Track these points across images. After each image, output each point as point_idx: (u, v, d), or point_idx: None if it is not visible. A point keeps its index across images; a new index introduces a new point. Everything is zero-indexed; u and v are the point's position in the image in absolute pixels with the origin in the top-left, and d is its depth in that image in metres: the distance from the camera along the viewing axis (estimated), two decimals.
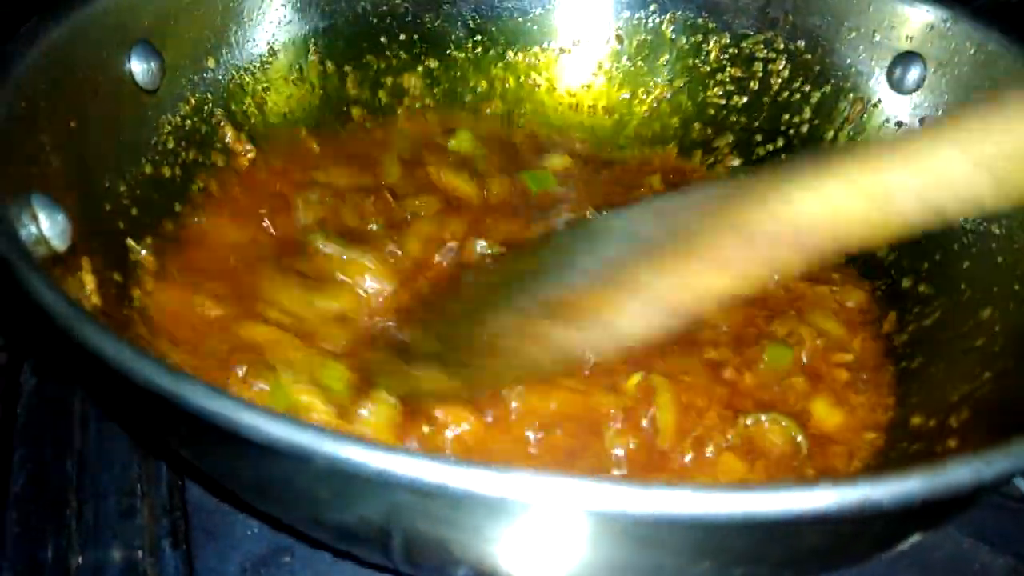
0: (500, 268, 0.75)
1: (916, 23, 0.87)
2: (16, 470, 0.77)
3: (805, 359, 0.75)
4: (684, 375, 0.70)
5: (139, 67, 0.76)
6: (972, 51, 0.83)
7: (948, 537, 0.73)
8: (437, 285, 0.77)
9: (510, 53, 1.03)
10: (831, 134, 0.95)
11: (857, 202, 0.49)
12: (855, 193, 0.49)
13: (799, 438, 0.68)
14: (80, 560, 0.71)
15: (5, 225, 0.49)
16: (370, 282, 0.77)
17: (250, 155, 0.89)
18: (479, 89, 1.04)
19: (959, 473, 0.36)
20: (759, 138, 0.99)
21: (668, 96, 1.02)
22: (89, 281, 0.61)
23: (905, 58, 0.89)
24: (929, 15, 0.86)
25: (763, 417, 0.68)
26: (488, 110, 1.03)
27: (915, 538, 0.47)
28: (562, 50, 1.04)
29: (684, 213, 0.59)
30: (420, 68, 1.01)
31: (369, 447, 0.35)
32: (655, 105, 1.03)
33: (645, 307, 0.57)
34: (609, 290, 0.58)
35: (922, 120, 0.88)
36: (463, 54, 1.02)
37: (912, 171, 0.48)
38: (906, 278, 0.83)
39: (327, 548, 0.64)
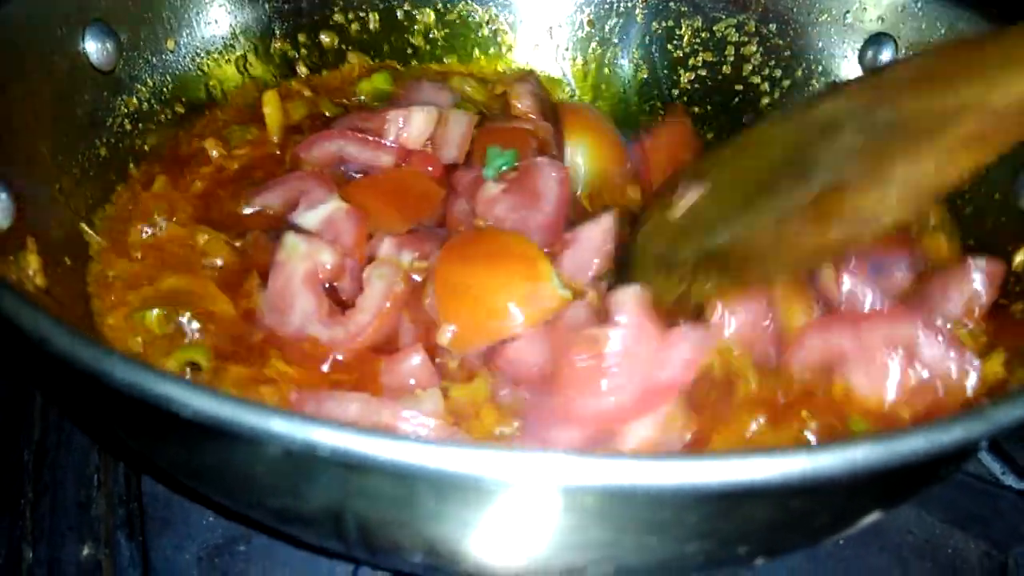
0: (735, 166, 0.72)
1: (887, 4, 0.86)
2: None
3: None
4: None
5: (94, 47, 0.75)
6: (943, 31, 0.82)
7: (921, 521, 0.72)
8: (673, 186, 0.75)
9: (477, 51, 1.02)
10: None
11: None
12: None
13: None
14: (32, 553, 0.69)
15: None
16: None
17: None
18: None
19: (912, 442, 0.35)
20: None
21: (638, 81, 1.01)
22: (33, 261, 0.60)
23: (877, 39, 0.88)
24: None
25: None
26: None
27: (875, 515, 0.46)
28: (536, 46, 1.03)
29: (911, 91, 0.57)
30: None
31: (293, 419, 0.33)
32: (625, 91, 1.02)
33: (902, 193, 0.55)
34: (863, 181, 0.57)
35: None
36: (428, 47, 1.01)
37: None
38: None
39: (282, 537, 0.62)
